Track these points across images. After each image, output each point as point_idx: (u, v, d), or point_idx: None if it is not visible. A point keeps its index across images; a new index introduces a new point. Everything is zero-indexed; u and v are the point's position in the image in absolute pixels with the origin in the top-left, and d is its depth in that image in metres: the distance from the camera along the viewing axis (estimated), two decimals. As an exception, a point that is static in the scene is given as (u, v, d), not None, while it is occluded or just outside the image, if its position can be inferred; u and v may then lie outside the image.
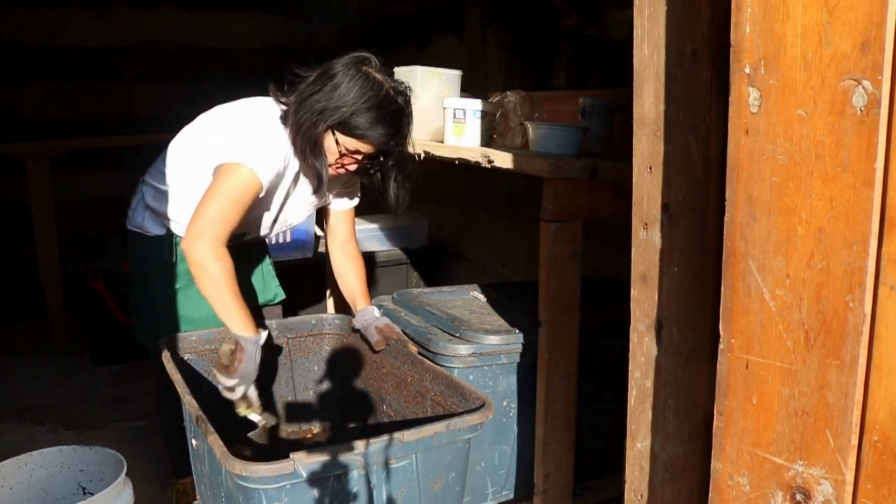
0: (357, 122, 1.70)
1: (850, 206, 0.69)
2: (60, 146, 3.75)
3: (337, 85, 1.71)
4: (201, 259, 1.65)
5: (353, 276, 2.10)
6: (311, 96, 1.74)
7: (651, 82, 0.98)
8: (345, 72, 1.72)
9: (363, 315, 2.04)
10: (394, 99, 1.73)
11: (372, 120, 1.70)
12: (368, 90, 1.70)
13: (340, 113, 1.70)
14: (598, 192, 1.73)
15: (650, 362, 1.03)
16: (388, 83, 1.74)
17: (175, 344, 1.96)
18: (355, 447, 1.37)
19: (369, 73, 1.72)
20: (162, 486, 2.32)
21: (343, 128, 1.72)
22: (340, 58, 1.76)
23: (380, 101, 1.70)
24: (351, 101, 1.69)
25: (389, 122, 1.72)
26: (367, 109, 1.69)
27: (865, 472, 0.72)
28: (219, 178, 1.71)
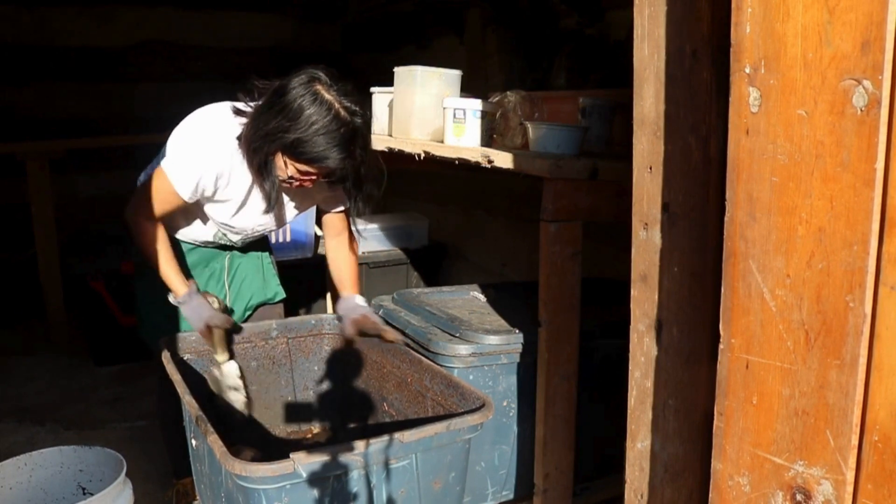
0: (304, 148, 1.63)
1: (851, 206, 0.69)
2: (60, 146, 3.75)
3: (285, 106, 1.64)
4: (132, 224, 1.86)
5: (343, 264, 2.10)
6: (262, 115, 1.69)
7: (651, 82, 0.98)
8: (295, 92, 1.64)
9: (345, 302, 2.04)
10: (345, 121, 1.64)
11: (319, 146, 1.62)
12: (316, 113, 1.62)
13: (286, 138, 1.63)
14: (598, 192, 1.73)
15: (650, 362, 1.03)
16: (339, 103, 1.64)
17: (175, 344, 1.96)
18: (355, 447, 1.37)
19: (319, 94, 1.64)
20: (162, 486, 2.32)
21: (290, 152, 1.66)
22: (294, 75, 1.68)
23: (327, 124, 1.62)
24: (297, 126, 1.62)
25: (337, 148, 1.63)
26: (314, 135, 1.62)
27: (866, 472, 0.72)
28: (153, 175, 1.82)
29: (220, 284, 2.10)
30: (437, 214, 3.91)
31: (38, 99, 4.25)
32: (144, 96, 4.49)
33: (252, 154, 1.72)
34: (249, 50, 4.74)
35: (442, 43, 3.94)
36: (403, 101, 2.19)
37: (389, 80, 2.27)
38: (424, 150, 2.02)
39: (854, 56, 0.67)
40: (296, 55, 4.86)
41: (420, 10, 4.03)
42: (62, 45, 4.25)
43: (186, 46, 4.56)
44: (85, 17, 4.29)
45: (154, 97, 4.50)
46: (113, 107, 4.42)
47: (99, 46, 4.34)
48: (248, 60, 4.73)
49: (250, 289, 2.17)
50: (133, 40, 4.43)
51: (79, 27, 4.28)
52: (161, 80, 4.52)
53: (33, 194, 3.64)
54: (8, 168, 3.68)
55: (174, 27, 4.51)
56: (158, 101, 4.50)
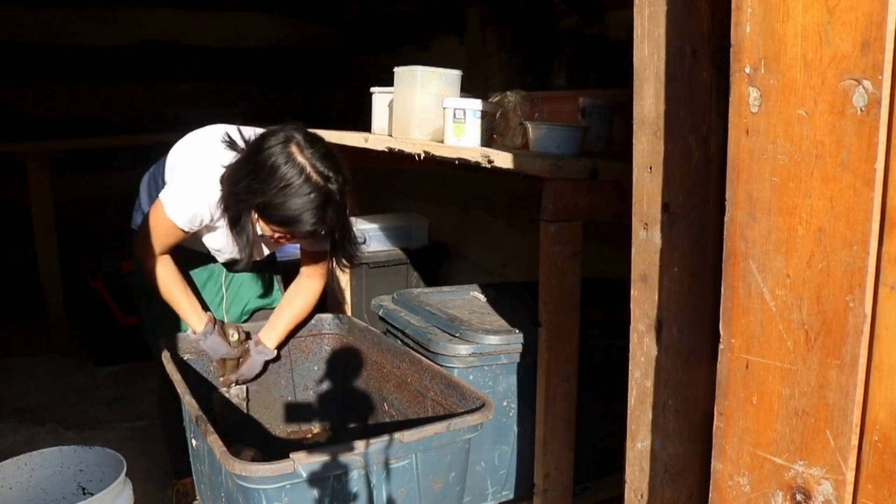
0: (274, 213, 1.61)
1: (851, 206, 0.69)
2: (60, 146, 3.75)
3: (259, 165, 1.61)
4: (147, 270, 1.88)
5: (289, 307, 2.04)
6: (237, 171, 1.66)
7: (651, 82, 0.98)
8: (269, 152, 1.60)
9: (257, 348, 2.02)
10: (317, 185, 1.59)
11: (290, 210, 1.59)
12: (287, 178, 1.57)
13: (258, 199, 1.61)
14: (598, 192, 1.73)
15: (650, 362, 1.03)
16: (312, 167, 1.59)
17: (175, 344, 1.97)
18: (355, 447, 1.37)
19: (292, 156, 1.59)
20: (162, 486, 2.32)
21: (263, 214, 1.65)
22: (270, 133, 1.64)
23: (298, 188, 1.57)
24: (269, 188, 1.58)
25: (310, 212, 1.59)
26: (285, 198, 1.58)
27: (866, 472, 0.72)
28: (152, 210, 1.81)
29: (218, 286, 2.10)
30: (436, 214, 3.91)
31: (38, 99, 4.25)
32: (144, 96, 4.49)
33: (226, 208, 1.71)
34: (249, 50, 4.74)
35: (442, 43, 3.94)
36: (403, 101, 2.19)
37: (389, 80, 2.27)
38: (424, 150, 2.02)
39: (854, 56, 0.67)
40: (296, 55, 4.89)
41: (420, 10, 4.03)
42: (62, 45, 4.25)
43: (186, 46, 4.56)
44: (85, 18, 4.29)
45: (154, 97, 4.50)
46: (113, 107, 4.42)
47: (99, 46, 4.35)
48: (249, 60, 4.74)
49: (248, 293, 2.16)
50: (133, 40, 4.43)
51: (79, 27, 4.28)
52: (161, 80, 4.53)
53: (33, 194, 3.65)
54: (8, 168, 3.68)
55: (174, 27, 4.51)
56: (158, 101, 4.51)
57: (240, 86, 4.74)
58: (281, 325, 2.04)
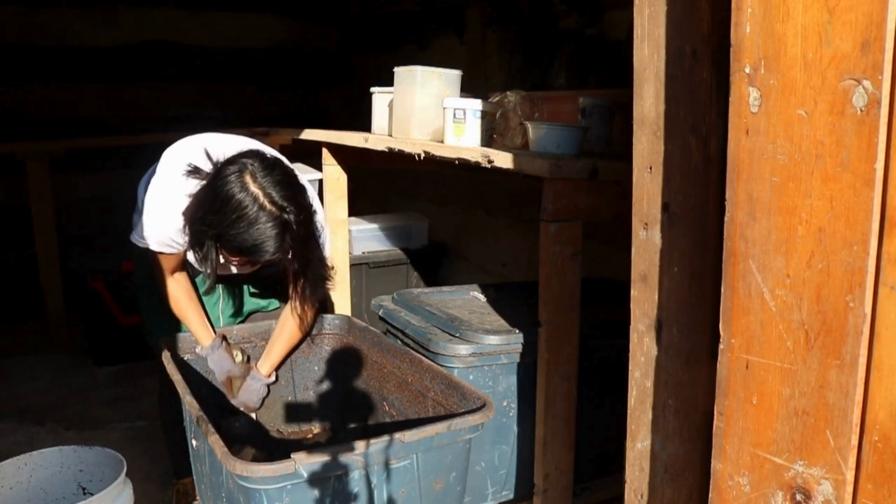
0: (230, 245, 1.61)
1: (851, 206, 0.69)
2: (60, 146, 3.75)
3: (214, 197, 1.60)
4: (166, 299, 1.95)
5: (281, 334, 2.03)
6: (196, 201, 1.67)
7: (651, 82, 0.98)
8: (223, 182, 1.59)
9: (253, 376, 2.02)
10: (272, 215, 1.57)
11: (244, 241, 1.58)
12: (240, 207, 1.56)
13: (213, 231, 1.61)
14: (598, 192, 1.73)
15: (650, 362, 1.03)
16: (267, 197, 1.58)
17: (175, 344, 1.97)
18: (356, 447, 1.37)
19: (246, 186, 1.58)
20: (162, 486, 2.32)
21: (221, 245, 1.65)
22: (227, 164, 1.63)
23: (252, 221, 1.56)
24: (223, 219, 1.58)
25: (266, 242, 1.58)
26: (239, 229, 1.57)
27: (865, 472, 0.72)
28: None
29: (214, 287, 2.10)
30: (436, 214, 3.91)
31: (38, 99, 4.25)
32: (144, 96, 4.49)
33: (189, 238, 1.72)
34: (250, 50, 4.74)
35: (442, 43, 3.94)
36: (403, 101, 2.19)
37: (389, 80, 2.27)
38: (424, 150, 2.02)
39: (854, 56, 0.67)
40: (296, 55, 4.89)
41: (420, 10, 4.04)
42: (62, 45, 4.25)
43: (186, 46, 4.56)
44: (85, 18, 4.29)
45: (154, 97, 4.50)
46: (113, 107, 4.42)
47: (99, 46, 4.34)
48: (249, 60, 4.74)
49: (245, 295, 2.16)
50: (133, 40, 4.43)
51: (79, 27, 4.28)
52: (161, 80, 4.53)
53: (33, 194, 3.64)
54: (8, 168, 3.68)
55: (174, 27, 4.51)
56: (158, 101, 4.51)
57: (240, 86, 4.74)
58: (275, 352, 2.05)
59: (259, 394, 2.04)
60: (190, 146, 1.82)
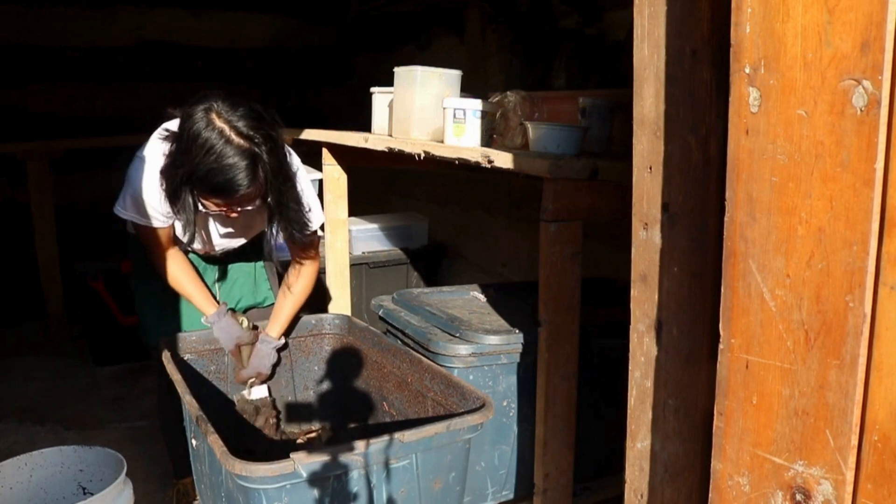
0: (203, 183, 1.60)
1: (850, 206, 0.69)
2: (60, 146, 3.75)
3: (181, 138, 1.61)
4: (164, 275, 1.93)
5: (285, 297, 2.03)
6: (168, 153, 1.67)
7: (651, 82, 0.98)
8: (189, 122, 1.59)
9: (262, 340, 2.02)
10: (240, 147, 1.57)
11: (216, 177, 1.57)
12: (208, 143, 1.56)
13: (185, 171, 1.60)
14: (598, 192, 1.73)
15: (650, 362, 1.03)
16: (233, 130, 1.57)
17: (175, 344, 1.97)
18: (355, 447, 1.37)
19: (211, 122, 1.58)
20: (162, 486, 2.32)
21: (194, 187, 1.64)
22: (192, 104, 1.63)
23: (220, 154, 1.55)
24: (192, 158, 1.57)
25: (239, 175, 1.57)
26: (210, 165, 1.56)
27: (865, 472, 0.72)
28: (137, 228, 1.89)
29: (211, 283, 2.10)
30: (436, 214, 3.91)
31: (38, 99, 4.25)
32: (144, 96, 4.49)
33: (166, 188, 1.71)
34: (250, 50, 4.74)
35: (442, 43, 3.94)
36: (403, 101, 2.19)
37: (389, 80, 2.27)
38: (424, 150, 2.02)
39: (854, 56, 0.67)
40: (296, 55, 4.89)
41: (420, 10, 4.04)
42: (62, 45, 4.25)
43: (186, 46, 4.56)
44: (85, 18, 4.29)
45: (154, 97, 4.50)
46: (113, 107, 4.42)
47: (99, 46, 4.35)
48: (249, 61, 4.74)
49: (240, 291, 2.17)
50: (133, 40, 4.43)
51: (79, 27, 4.28)
52: (161, 80, 4.53)
53: (33, 194, 3.64)
54: (8, 168, 3.68)
55: (174, 27, 4.51)
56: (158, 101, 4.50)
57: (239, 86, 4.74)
58: (283, 314, 2.04)
59: (270, 358, 2.03)
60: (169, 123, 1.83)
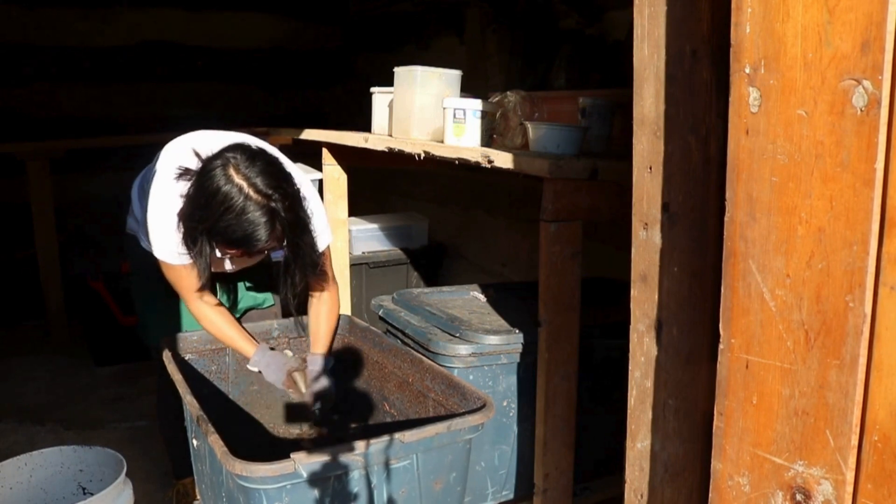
0: (221, 237, 1.64)
1: (851, 206, 0.69)
2: (60, 146, 3.75)
3: (200, 192, 1.63)
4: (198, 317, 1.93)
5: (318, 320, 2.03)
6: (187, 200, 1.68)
7: (651, 82, 0.98)
8: (208, 177, 1.61)
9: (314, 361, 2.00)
10: (259, 203, 1.59)
11: (234, 232, 1.60)
12: (227, 200, 1.58)
13: (204, 226, 1.63)
14: (598, 192, 1.73)
15: (650, 362, 1.03)
16: (252, 187, 1.60)
17: (176, 344, 1.97)
18: (356, 447, 1.37)
19: (231, 179, 1.60)
20: (162, 486, 2.32)
21: (212, 238, 1.66)
22: (211, 158, 1.65)
23: (239, 212, 1.58)
24: (211, 213, 1.60)
25: (257, 231, 1.60)
26: (228, 221, 1.59)
27: (865, 472, 0.72)
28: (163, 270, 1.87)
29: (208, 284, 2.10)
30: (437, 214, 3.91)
31: (38, 99, 4.25)
32: (144, 96, 4.49)
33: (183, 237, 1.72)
34: (250, 50, 4.74)
35: (442, 43, 3.94)
36: (403, 101, 2.19)
37: (389, 80, 2.27)
38: (424, 150, 2.02)
39: (854, 56, 0.67)
40: (296, 55, 4.89)
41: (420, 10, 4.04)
42: (62, 45, 4.25)
43: (186, 46, 4.56)
44: (85, 18, 4.29)
45: (154, 97, 4.50)
46: (113, 107, 4.42)
47: (99, 46, 4.35)
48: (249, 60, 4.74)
49: (241, 292, 2.17)
50: (133, 40, 4.43)
51: (79, 27, 4.28)
52: (161, 80, 4.53)
53: (33, 194, 3.64)
54: (8, 168, 3.68)
55: (174, 27, 4.51)
56: (158, 101, 4.51)
57: (240, 86, 4.74)
58: (321, 337, 2.02)
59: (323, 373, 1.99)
60: (180, 147, 1.83)
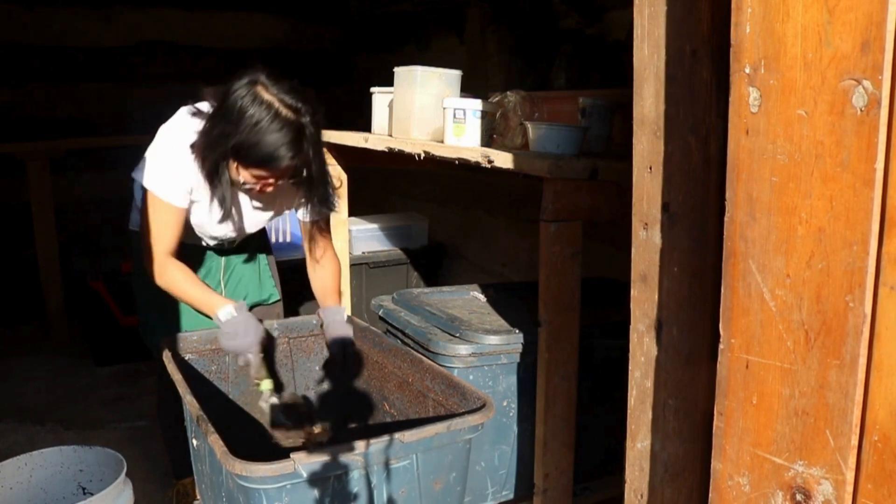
0: (249, 152, 1.63)
1: (850, 206, 0.69)
2: (60, 146, 3.75)
3: (228, 110, 1.64)
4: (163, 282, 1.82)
5: (326, 278, 2.07)
6: (208, 123, 1.70)
7: (651, 82, 0.98)
8: (236, 95, 1.64)
9: (326, 313, 2.03)
10: (287, 119, 1.63)
11: (264, 148, 1.62)
12: (257, 115, 1.61)
13: (231, 143, 1.63)
14: (598, 192, 1.73)
15: (650, 362, 1.03)
16: (280, 102, 1.64)
17: (176, 344, 1.96)
18: (356, 447, 1.37)
19: (258, 95, 1.63)
20: (162, 486, 2.32)
21: (238, 158, 1.66)
22: (236, 79, 1.67)
23: (269, 124, 1.61)
24: (240, 130, 1.61)
25: (284, 147, 1.62)
26: (257, 136, 1.61)
27: (865, 472, 0.72)
28: (145, 204, 1.80)
29: (216, 282, 2.10)
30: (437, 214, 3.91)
31: (38, 99, 4.25)
32: (144, 96, 4.48)
33: (202, 161, 1.72)
34: (250, 50, 4.74)
35: (442, 43, 3.94)
36: (403, 101, 2.19)
37: (389, 80, 2.27)
38: (424, 150, 2.02)
39: (854, 56, 0.67)
40: (296, 55, 4.89)
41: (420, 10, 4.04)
42: (62, 45, 4.25)
43: (186, 46, 4.56)
44: (85, 17, 4.29)
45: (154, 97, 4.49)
46: (112, 107, 4.42)
47: (99, 46, 4.34)
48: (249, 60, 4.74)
49: (246, 288, 2.17)
50: (133, 40, 4.42)
51: (79, 27, 4.28)
52: (161, 80, 4.53)
53: (33, 194, 3.65)
54: (8, 168, 3.68)
55: (174, 27, 4.51)
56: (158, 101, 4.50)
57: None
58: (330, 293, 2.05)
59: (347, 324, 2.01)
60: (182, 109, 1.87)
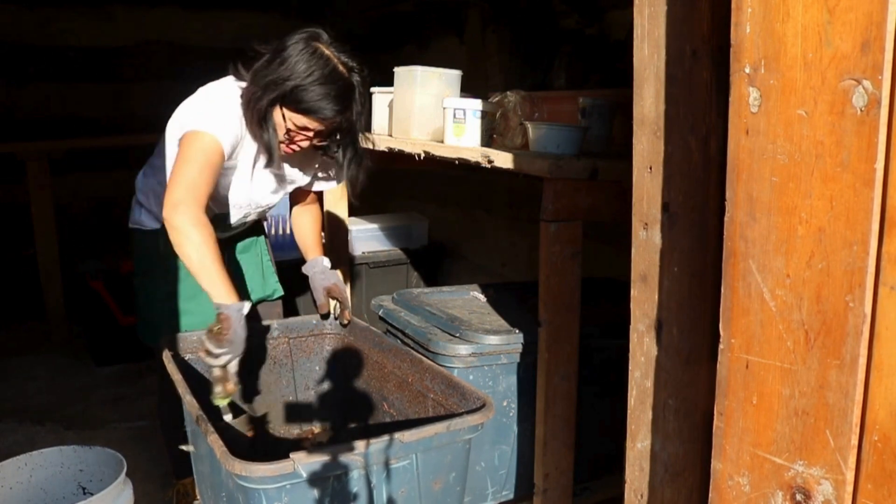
0: (301, 97, 1.69)
1: (851, 206, 0.69)
2: (60, 146, 3.75)
3: (285, 59, 1.70)
4: (182, 225, 1.59)
5: (308, 227, 2.16)
6: (261, 71, 1.75)
7: (651, 82, 0.98)
8: (294, 47, 1.71)
9: (312, 265, 2.10)
10: (342, 75, 1.72)
11: (316, 95, 1.69)
12: (314, 65, 1.69)
13: (285, 86, 1.69)
14: (598, 192, 1.73)
15: (650, 362, 1.03)
16: (337, 59, 1.73)
17: (176, 344, 1.96)
18: (355, 447, 1.37)
19: (318, 49, 1.71)
20: (162, 486, 2.32)
21: (289, 102, 1.71)
22: (295, 33, 1.75)
23: (325, 76, 1.69)
24: (296, 75, 1.68)
25: (335, 98, 1.70)
26: (311, 84, 1.68)
27: (865, 472, 0.72)
28: (184, 146, 1.69)
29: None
30: (437, 214, 3.91)
31: (38, 99, 4.25)
32: (144, 96, 4.49)
33: (252, 106, 1.75)
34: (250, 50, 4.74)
35: (442, 43, 3.94)
36: (403, 101, 2.19)
37: (389, 80, 2.27)
38: (424, 150, 2.02)
39: (854, 56, 0.67)
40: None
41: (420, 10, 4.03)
42: (62, 45, 4.25)
43: (186, 46, 4.55)
44: (85, 17, 4.29)
45: (154, 97, 4.49)
46: (113, 107, 4.42)
47: (99, 46, 4.34)
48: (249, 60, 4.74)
49: (250, 284, 2.17)
50: (133, 40, 4.42)
51: (79, 27, 4.28)
52: (161, 80, 4.53)
53: (33, 194, 3.64)
54: (8, 168, 3.68)
55: (174, 27, 4.51)
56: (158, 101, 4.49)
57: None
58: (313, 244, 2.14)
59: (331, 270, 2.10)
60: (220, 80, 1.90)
